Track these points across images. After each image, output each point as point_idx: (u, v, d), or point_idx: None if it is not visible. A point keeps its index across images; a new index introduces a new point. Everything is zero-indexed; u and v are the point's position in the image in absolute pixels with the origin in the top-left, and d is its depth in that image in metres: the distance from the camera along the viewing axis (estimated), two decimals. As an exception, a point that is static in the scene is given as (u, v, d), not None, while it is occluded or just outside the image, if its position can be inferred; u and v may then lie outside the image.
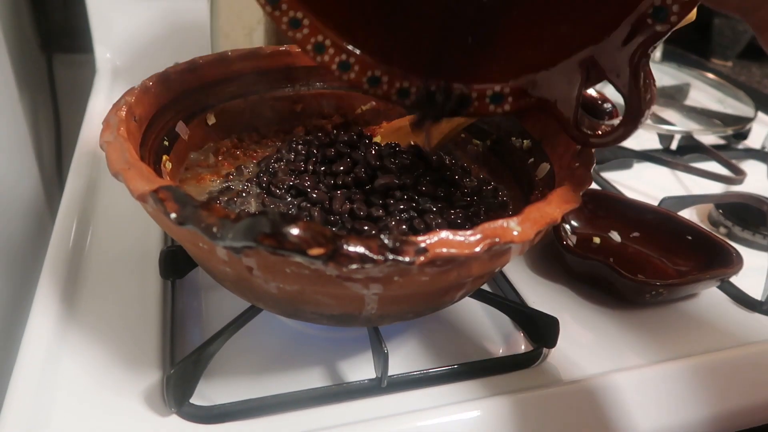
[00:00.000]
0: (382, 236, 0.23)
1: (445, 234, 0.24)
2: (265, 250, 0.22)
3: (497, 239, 0.24)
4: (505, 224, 0.25)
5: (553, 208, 0.27)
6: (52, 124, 0.87)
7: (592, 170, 0.31)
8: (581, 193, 0.29)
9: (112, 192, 0.49)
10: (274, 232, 0.22)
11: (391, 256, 0.23)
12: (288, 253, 0.22)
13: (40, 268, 0.39)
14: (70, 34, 0.84)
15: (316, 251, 0.22)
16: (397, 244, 0.23)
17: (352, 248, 0.23)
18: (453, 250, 0.24)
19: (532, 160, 0.39)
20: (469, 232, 0.24)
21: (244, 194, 0.37)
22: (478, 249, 0.24)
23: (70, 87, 0.87)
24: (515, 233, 0.25)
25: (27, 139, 0.72)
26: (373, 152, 0.37)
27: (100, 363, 0.34)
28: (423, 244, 0.23)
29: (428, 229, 0.33)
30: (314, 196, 0.35)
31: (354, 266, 0.23)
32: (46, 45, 0.84)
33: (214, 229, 0.23)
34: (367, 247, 0.23)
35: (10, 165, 0.64)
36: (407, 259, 0.23)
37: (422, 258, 0.23)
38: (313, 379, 0.35)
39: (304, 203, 0.35)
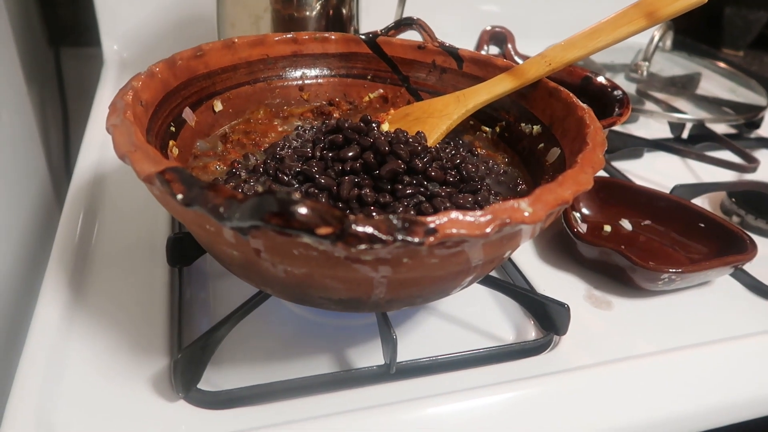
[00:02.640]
0: (391, 216, 0.23)
1: (455, 215, 0.23)
2: (272, 229, 0.22)
3: (508, 220, 0.24)
4: (516, 205, 0.25)
5: (564, 189, 0.26)
6: (60, 117, 0.87)
7: (604, 153, 0.31)
8: (593, 176, 0.29)
9: (119, 181, 0.49)
10: (282, 210, 0.22)
11: (400, 237, 0.22)
12: (296, 233, 0.22)
13: (49, 257, 0.39)
14: (78, 28, 0.84)
15: (324, 230, 0.22)
16: (407, 225, 0.23)
17: (360, 228, 0.22)
18: (463, 231, 0.23)
19: (542, 145, 0.38)
20: (479, 213, 0.24)
21: (251, 181, 0.37)
22: (488, 230, 0.24)
23: (77, 80, 0.87)
24: (526, 214, 0.24)
25: (35, 132, 0.72)
26: (383, 138, 0.37)
27: (108, 349, 0.33)
28: (433, 225, 0.23)
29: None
30: (322, 181, 0.34)
31: (363, 247, 0.22)
32: (54, 39, 0.85)
33: (221, 210, 0.23)
34: (376, 227, 0.22)
35: (18, 158, 0.64)
36: (417, 239, 0.23)
37: (432, 238, 0.23)
38: (321, 365, 0.34)
39: (311, 189, 0.34)
